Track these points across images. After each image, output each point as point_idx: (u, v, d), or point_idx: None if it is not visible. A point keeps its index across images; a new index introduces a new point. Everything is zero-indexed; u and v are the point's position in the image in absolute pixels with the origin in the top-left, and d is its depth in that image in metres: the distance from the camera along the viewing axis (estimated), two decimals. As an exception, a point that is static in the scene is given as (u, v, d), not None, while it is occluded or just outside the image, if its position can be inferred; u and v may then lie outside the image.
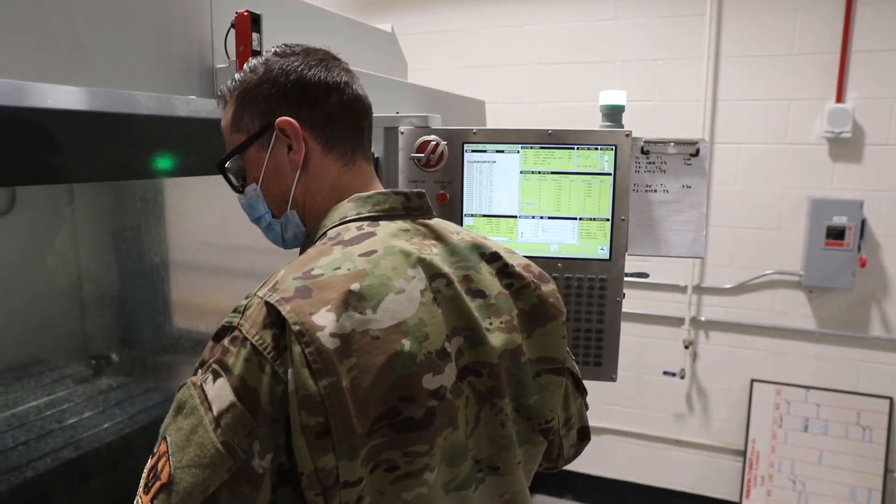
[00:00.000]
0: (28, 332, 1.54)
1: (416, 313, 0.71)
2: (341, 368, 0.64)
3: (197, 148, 1.18)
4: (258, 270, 1.67)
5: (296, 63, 0.84)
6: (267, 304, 0.66)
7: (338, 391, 0.63)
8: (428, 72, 3.21)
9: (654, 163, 1.43)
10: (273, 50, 0.87)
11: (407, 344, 0.68)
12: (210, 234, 1.71)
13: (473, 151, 1.41)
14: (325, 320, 0.65)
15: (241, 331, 0.66)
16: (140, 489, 0.67)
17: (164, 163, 1.15)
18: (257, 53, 1.54)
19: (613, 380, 1.45)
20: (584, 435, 1.01)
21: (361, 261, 0.71)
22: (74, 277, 1.62)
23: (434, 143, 1.39)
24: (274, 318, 0.65)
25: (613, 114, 1.43)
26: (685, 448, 3.39)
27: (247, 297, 0.69)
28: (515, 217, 1.43)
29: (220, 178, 0.91)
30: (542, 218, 1.42)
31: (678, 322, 3.29)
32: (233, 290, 1.70)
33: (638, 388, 3.41)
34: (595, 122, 1.45)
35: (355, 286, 0.68)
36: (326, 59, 0.87)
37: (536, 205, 1.42)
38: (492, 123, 2.72)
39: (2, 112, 0.84)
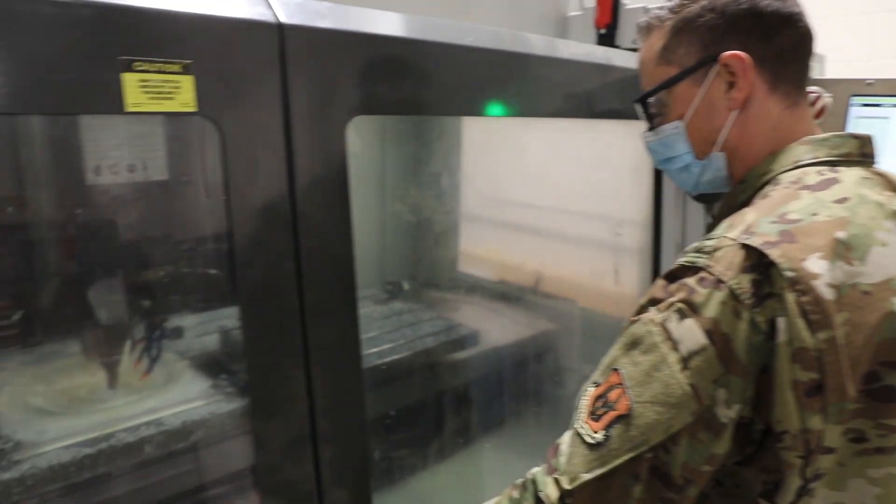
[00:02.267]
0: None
1: None
2: (836, 322, 0.59)
3: (570, 90, 1.21)
4: (526, 225, 1.71)
5: None
6: (746, 246, 0.62)
7: (834, 347, 0.59)
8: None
9: None
10: None
11: None
12: (490, 187, 1.77)
13: (863, 105, 1.25)
14: (818, 268, 0.60)
15: (711, 272, 0.62)
16: (583, 416, 0.67)
17: (538, 102, 1.19)
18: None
19: None
20: None
21: (837, 208, 0.65)
22: (378, 214, 1.81)
23: (815, 94, 1.25)
24: (755, 261, 0.61)
25: None
26: None
27: (710, 238, 0.65)
28: (909, 182, 1.24)
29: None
30: (945, 186, 1.21)
31: None
32: (506, 244, 1.76)
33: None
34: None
35: (841, 234, 0.62)
36: None
37: (941, 170, 1.21)
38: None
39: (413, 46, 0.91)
